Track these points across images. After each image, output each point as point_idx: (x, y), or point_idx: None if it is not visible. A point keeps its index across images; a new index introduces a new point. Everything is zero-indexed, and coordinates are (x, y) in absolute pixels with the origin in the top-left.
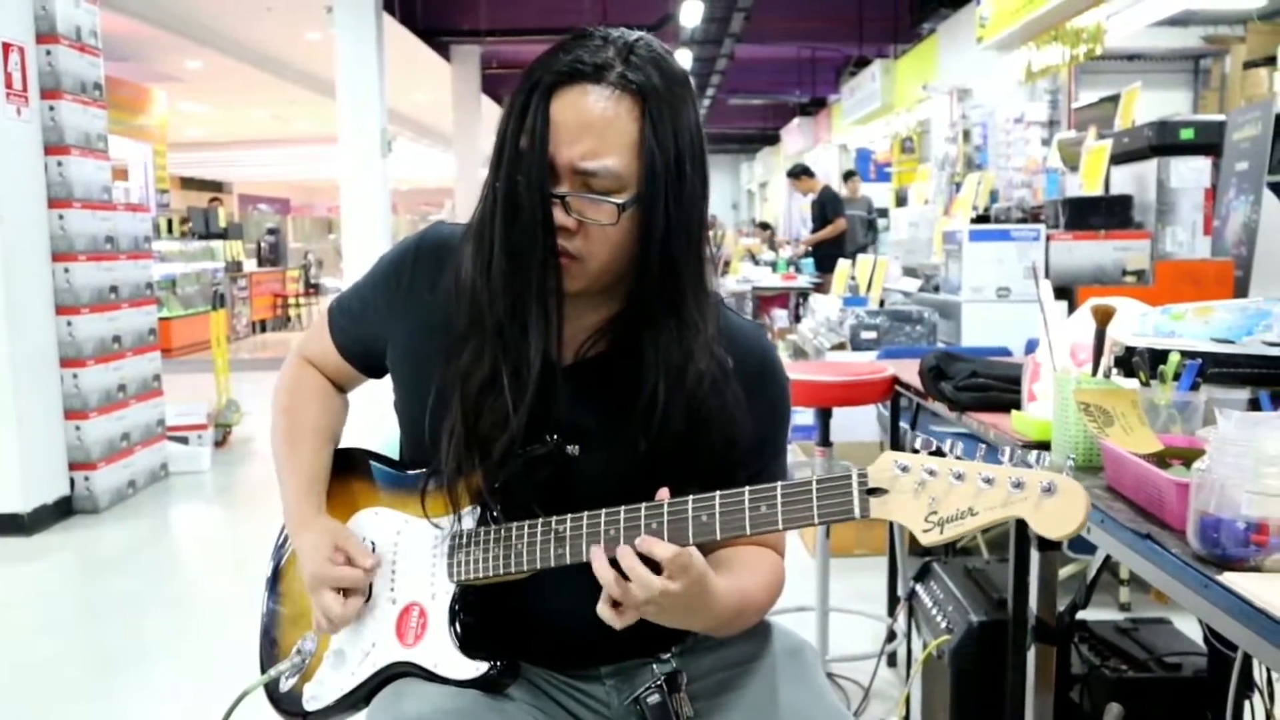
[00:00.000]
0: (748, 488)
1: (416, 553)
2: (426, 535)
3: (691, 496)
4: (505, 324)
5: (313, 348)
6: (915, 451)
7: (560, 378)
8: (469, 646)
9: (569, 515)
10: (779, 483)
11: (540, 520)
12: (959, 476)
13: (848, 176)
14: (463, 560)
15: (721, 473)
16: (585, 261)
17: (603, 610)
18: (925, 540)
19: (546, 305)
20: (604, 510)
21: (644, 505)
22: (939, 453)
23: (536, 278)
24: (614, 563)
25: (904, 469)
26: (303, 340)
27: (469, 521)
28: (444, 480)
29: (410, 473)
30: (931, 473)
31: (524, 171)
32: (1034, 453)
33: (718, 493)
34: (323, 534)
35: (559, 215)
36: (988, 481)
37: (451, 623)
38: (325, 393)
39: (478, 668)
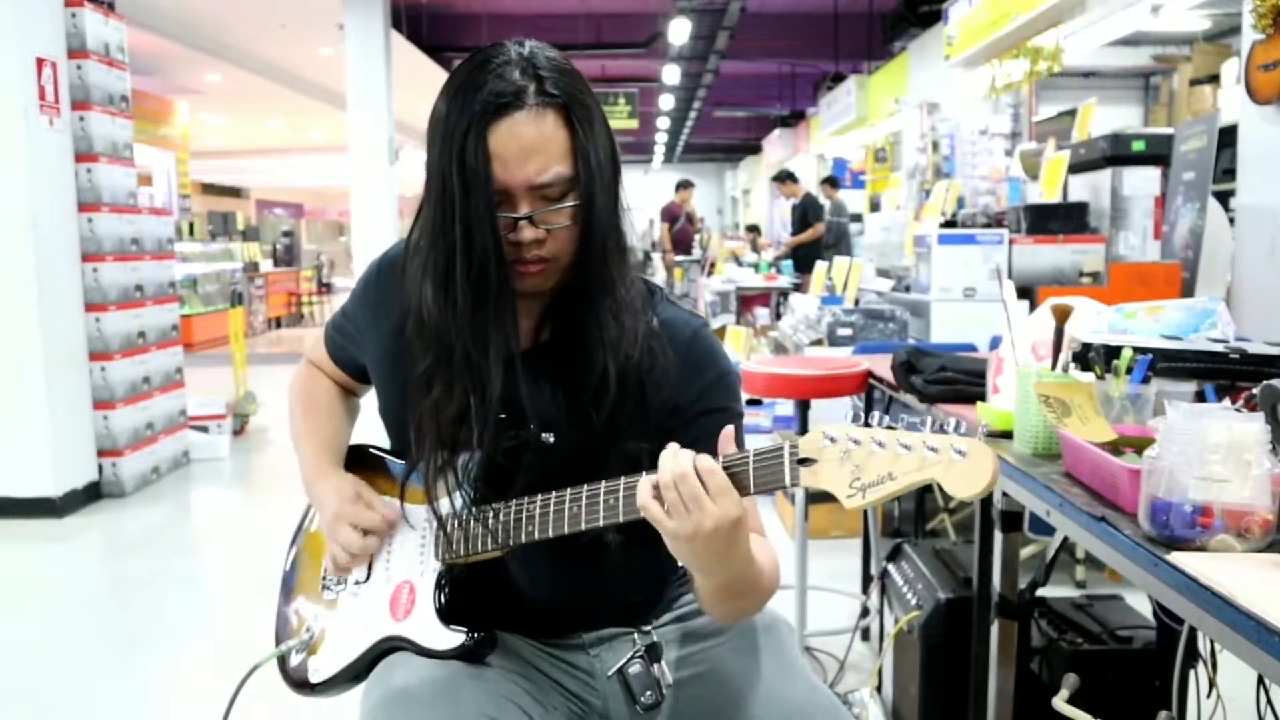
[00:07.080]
0: None
1: (409, 534)
2: (418, 518)
3: (644, 473)
4: (472, 354)
5: (317, 355)
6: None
7: (520, 368)
8: (449, 619)
9: (539, 495)
10: (721, 456)
11: (514, 501)
12: (880, 444)
13: (829, 182)
14: (447, 541)
15: (667, 435)
16: (557, 260)
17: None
18: (849, 504)
19: (506, 331)
20: (568, 490)
21: (603, 482)
22: (867, 424)
23: (494, 308)
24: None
25: (831, 440)
26: (309, 348)
27: (455, 505)
28: (426, 473)
29: (400, 463)
30: (856, 442)
31: (473, 209)
32: (952, 420)
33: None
34: (345, 481)
35: (529, 232)
36: (906, 448)
37: (435, 596)
38: (333, 387)
39: (456, 638)
